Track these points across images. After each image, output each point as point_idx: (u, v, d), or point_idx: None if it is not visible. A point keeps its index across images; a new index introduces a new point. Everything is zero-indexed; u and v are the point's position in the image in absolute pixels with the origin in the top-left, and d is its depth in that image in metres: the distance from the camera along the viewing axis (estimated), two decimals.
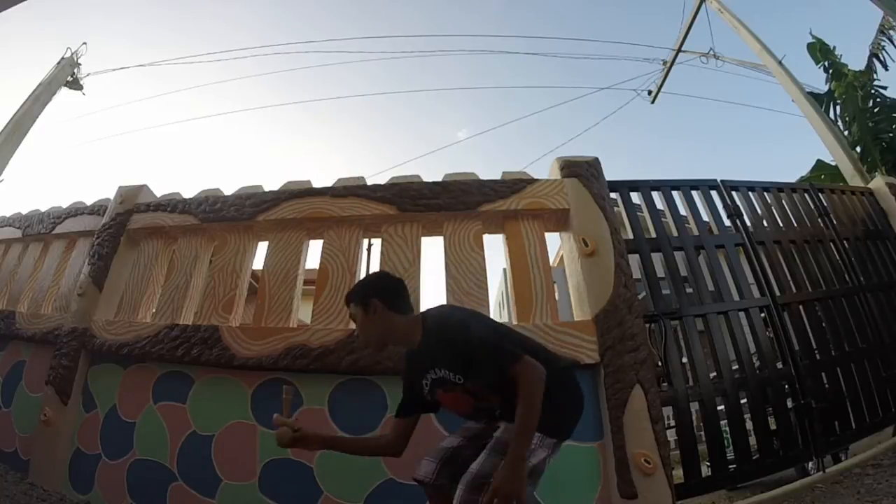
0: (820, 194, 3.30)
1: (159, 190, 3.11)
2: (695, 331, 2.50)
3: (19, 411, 2.60)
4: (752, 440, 2.45)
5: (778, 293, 2.73)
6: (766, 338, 2.59)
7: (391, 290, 1.50)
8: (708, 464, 2.29)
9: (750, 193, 3.08)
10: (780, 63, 5.48)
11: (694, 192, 2.96)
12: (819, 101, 5.41)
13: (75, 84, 7.43)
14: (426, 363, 1.41)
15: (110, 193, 3.11)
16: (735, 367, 2.54)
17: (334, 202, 2.62)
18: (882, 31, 5.46)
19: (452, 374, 1.34)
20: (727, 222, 2.93)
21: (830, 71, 5.65)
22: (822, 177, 5.43)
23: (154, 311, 2.71)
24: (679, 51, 7.94)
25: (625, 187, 2.81)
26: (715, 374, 2.54)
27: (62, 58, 7.25)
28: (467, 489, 1.21)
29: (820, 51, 5.69)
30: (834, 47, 5.73)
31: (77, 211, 3.19)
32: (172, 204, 2.89)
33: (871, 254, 3.18)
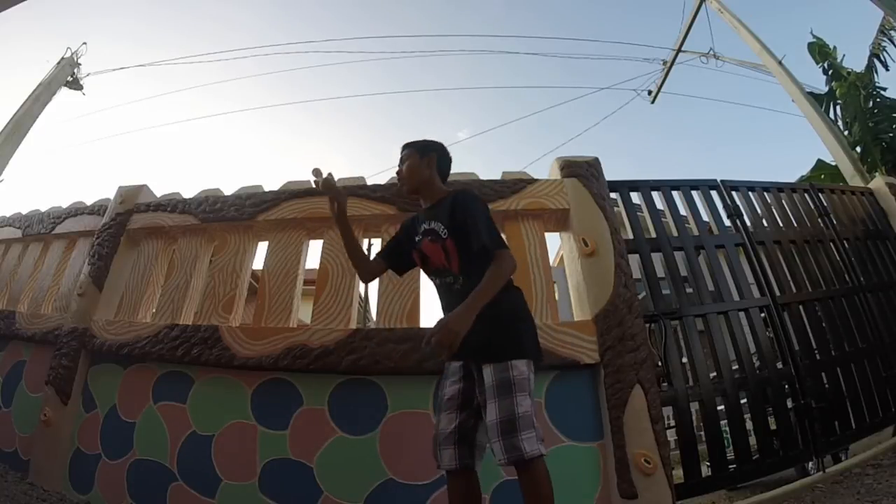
0: (820, 194, 3.30)
1: (159, 190, 3.11)
2: (695, 331, 2.50)
3: (19, 411, 2.60)
4: (752, 440, 2.45)
5: (778, 293, 2.73)
6: (766, 338, 2.59)
7: (446, 158, 1.73)
8: (708, 464, 2.29)
9: (750, 193, 3.08)
10: (780, 63, 5.48)
11: (694, 192, 2.96)
12: (819, 101, 5.41)
13: (75, 84, 7.44)
14: (429, 217, 1.60)
15: (110, 193, 3.11)
16: (735, 367, 2.54)
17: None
18: (882, 31, 5.46)
19: (442, 228, 1.52)
20: (727, 222, 2.93)
21: (830, 71, 5.65)
22: (822, 177, 5.43)
23: (154, 311, 2.71)
24: (679, 51, 7.95)
25: (625, 187, 2.81)
26: (715, 374, 2.54)
27: (62, 58, 7.26)
28: (505, 433, 1.27)
29: (819, 51, 5.69)
30: (834, 48, 5.73)
31: (77, 211, 3.19)
32: (172, 204, 2.89)
33: (871, 254, 3.18)
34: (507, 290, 1.46)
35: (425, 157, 1.66)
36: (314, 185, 1.78)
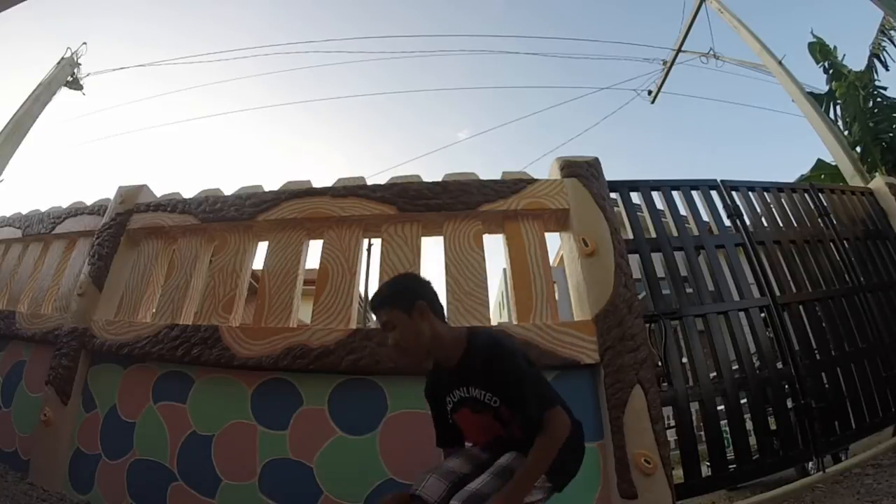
0: (820, 194, 3.30)
1: (159, 190, 3.12)
2: (695, 331, 2.50)
3: (19, 411, 2.60)
4: (752, 440, 2.45)
5: (778, 293, 2.73)
6: (766, 338, 2.59)
7: (433, 292, 1.38)
8: (708, 464, 2.29)
9: (750, 193, 3.08)
10: (780, 63, 5.48)
11: (694, 192, 2.96)
12: (819, 101, 5.41)
13: (75, 84, 7.44)
14: (457, 381, 1.33)
15: (110, 193, 3.11)
16: (735, 367, 2.54)
17: (334, 202, 2.62)
18: (882, 31, 5.46)
19: (488, 395, 1.27)
20: (727, 222, 2.93)
21: (830, 71, 5.65)
22: (823, 176, 5.43)
23: (154, 311, 2.71)
24: (679, 51, 7.95)
25: (625, 187, 2.81)
26: (715, 374, 2.54)
27: (62, 58, 7.26)
28: (462, 501, 1.14)
29: (820, 51, 5.69)
30: (835, 47, 5.73)
31: (77, 211, 3.19)
32: (172, 204, 2.89)
33: (871, 254, 3.18)
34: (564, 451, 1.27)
35: (415, 310, 1.30)
36: None
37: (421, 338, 1.29)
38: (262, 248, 2.72)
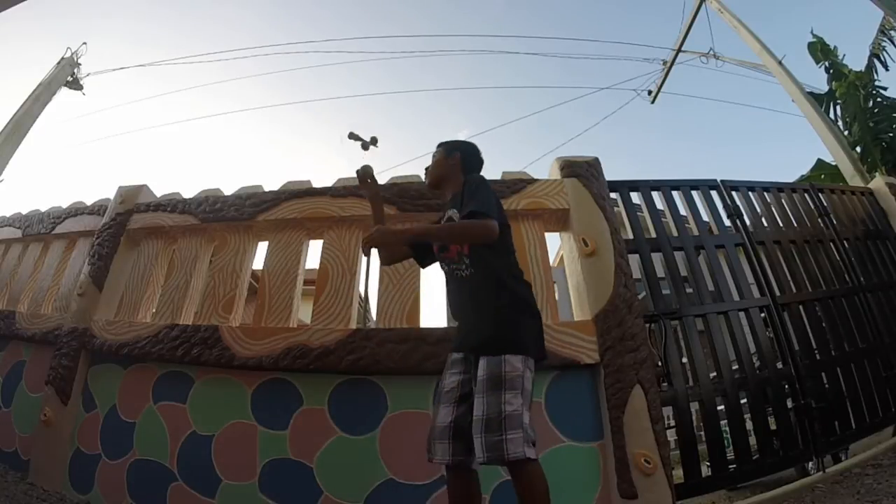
0: (820, 194, 3.30)
1: (159, 190, 3.12)
2: (695, 331, 2.49)
3: (19, 411, 2.60)
4: (752, 440, 2.45)
5: (778, 293, 2.73)
6: (766, 338, 2.59)
7: (475, 157, 1.80)
8: (708, 464, 2.29)
9: (750, 193, 3.08)
10: (780, 63, 5.48)
11: (694, 192, 2.96)
12: (819, 101, 5.41)
13: (75, 84, 7.43)
14: (449, 206, 1.67)
15: (110, 193, 3.11)
16: (735, 367, 2.54)
17: (334, 202, 2.62)
18: (882, 31, 5.46)
19: (456, 214, 1.57)
20: (727, 222, 2.93)
21: (831, 71, 5.65)
22: (823, 176, 5.43)
23: (154, 311, 2.71)
24: (679, 51, 7.94)
25: (625, 187, 2.81)
26: (715, 374, 2.54)
27: (62, 58, 7.24)
28: (487, 431, 1.22)
29: (821, 50, 5.69)
30: (835, 47, 5.73)
31: (77, 211, 3.19)
32: (172, 204, 2.89)
33: (871, 254, 3.18)
34: (513, 282, 1.48)
35: (450, 156, 1.75)
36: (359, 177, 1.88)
37: (439, 171, 1.76)
38: (262, 248, 2.73)
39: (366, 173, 1.87)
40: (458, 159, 1.75)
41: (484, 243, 1.47)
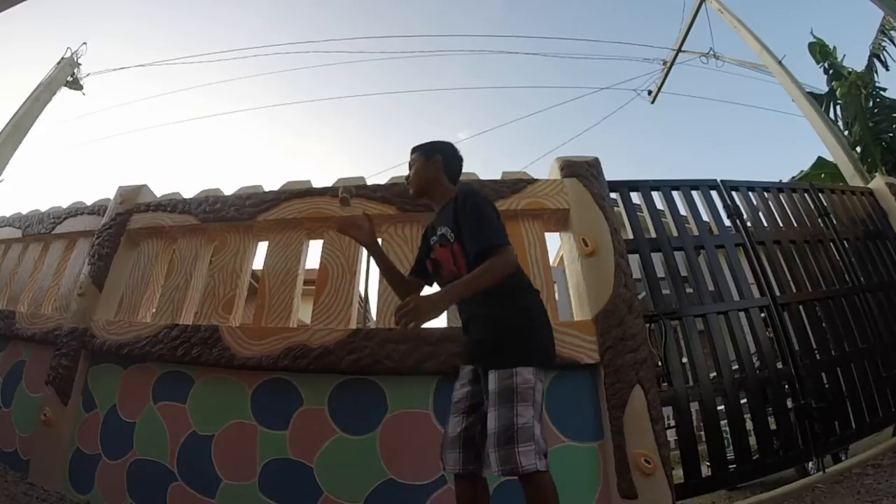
0: (820, 194, 3.30)
1: (159, 190, 3.12)
2: (695, 331, 2.50)
3: (19, 411, 2.60)
4: (752, 440, 2.45)
5: (778, 293, 2.73)
6: (766, 338, 2.59)
7: (455, 158, 1.69)
8: (708, 464, 2.29)
9: (750, 193, 3.08)
10: (780, 63, 5.48)
11: (694, 192, 2.96)
12: (819, 101, 5.41)
13: (75, 84, 7.43)
14: (440, 221, 1.56)
15: (110, 193, 3.11)
16: (735, 367, 2.54)
17: (334, 202, 2.61)
18: (882, 31, 5.46)
19: (450, 232, 1.47)
20: (727, 222, 2.93)
21: (830, 71, 5.65)
22: (823, 175, 5.44)
23: (154, 311, 2.71)
24: (679, 51, 7.95)
25: (625, 187, 2.81)
26: (715, 374, 2.54)
27: (62, 58, 7.25)
28: (501, 444, 1.22)
29: (820, 51, 5.69)
30: (834, 48, 5.73)
31: (77, 211, 3.19)
32: (172, 204, 2.89)
33: (871, 254, 3.18)
34: (519, 292, 1.42)
35: (431, 160, 1.64)
36: (341, 203, 1.74)
37: (424, 176, 1.63)
38: (262, 248, 2.73)
39: (344, 199, 1.71)
40: (440, 162, 1.64)
41: (509, 274, 1.36)
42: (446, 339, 2.08)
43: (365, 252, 2.20)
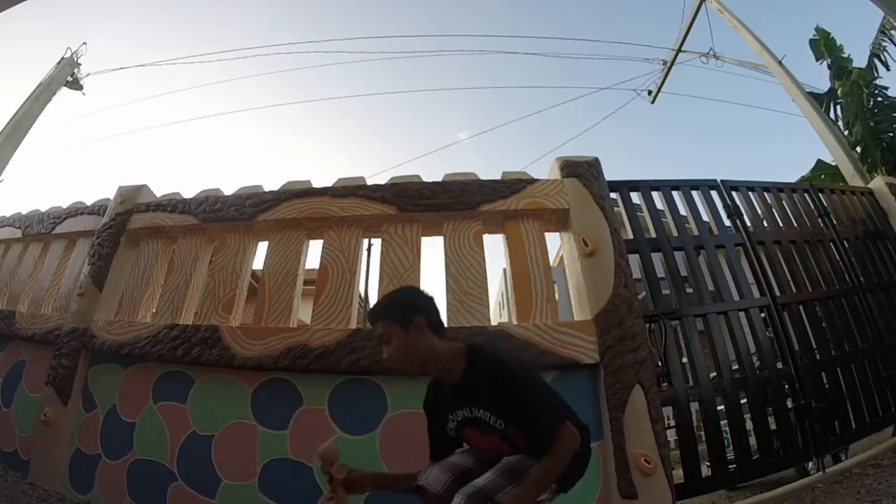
0: (820, 194, 3.30)
1: (159, 190, 3.12)
2: (695, 331, 2.50)
3: (19, 411, 2.60)
4: (752, 440, 2.45)
5: (778, 293, 2.73)
6: (766, 338, 2.59)
7: (433, 308, 1.35)
8: (708, 464, 2.29)
9: (750, 193, 3.08)
10: (780, 63, 5.48)
11: (694, 192, 2.96)
12: (819, 101, 5.41)
13: (75, 84, 7.43)
14: (462, 399, 1.30)
15: (110, 193, 3.11)
16: (735, 367, 2.54)
17: (334, 202, 2.62)
18: (883, 31, 5.46)
19: (494, 418, 1.25)
20: (727, 222, 2.93)
21: (834, 67, 5.64)
22: (823, 176, 5.44)
23: (154, 311, 2.71)
24: (679, 51, 7.95)
25: (625, 187, 2.81)
26: (715, 374, 2.54)
27: (62, 58, 7.25)
28: (469, 500, 1.11)
29: (825, 45, 5.68)
30: (840, 46, 5.73)
31: (77, 211, 3.19)
32: (172, 204, 2.89)
33: (871, 254, 3.18)
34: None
35: (412, 326, 1.27)
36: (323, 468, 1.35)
37: (415, 353, 1.28)
38: (262, 248, 2.73)
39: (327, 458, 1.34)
40: (424, 325, 1.28)
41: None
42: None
43: (365, 252, 2.19)
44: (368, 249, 11.72)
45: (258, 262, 2.74)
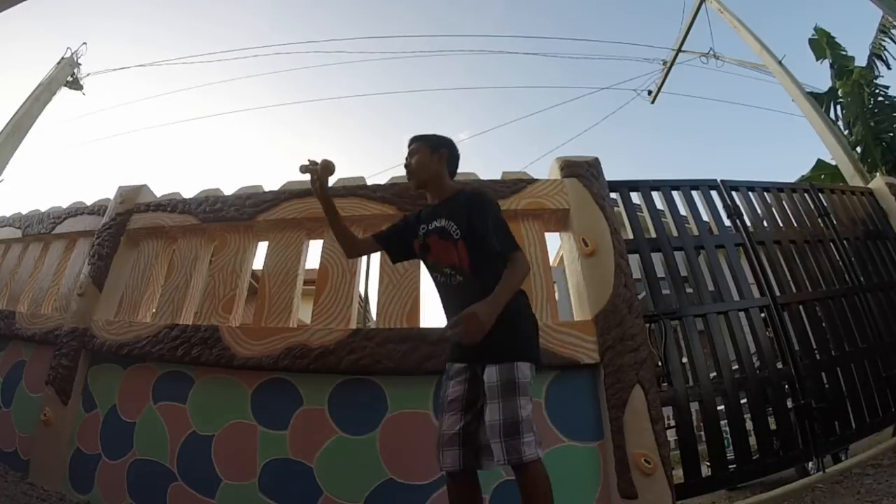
0: (820, 194, 3.30)
1: (159, 190, 3.11)
2: (695, 331, 2.49)
3: (19, 411, 2.60)
4: (752, 440, 2.45)
5: (778, 293, 2.73)
6: (766, 338, 2.59)
7: (456, 157, 1.74)
8: (708, 464, 2.29)
9: (750, 193, 3.08)
10: (780, 63, 5.48)
11: (694, 192, 2.96)
12: (819, 100, 5.41)
13: (75, 84, 7.44)
14: (437, 214, 1.60)
15: (110, 193, 3.11)
16: (735, 367, 2.54)
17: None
18: (882, 30, 5.46)
19: (455, 228, 1.51)
20: (727, 222, 2.93)
21: (835, 66, 5.64)
22: (823, 176, 5.44)
23: (154, 311, 2.71)
24: (679, 51, 7.95)
25: (625, 187, 2.81)
26: (715, 374, 2.54)
27: (62, 58, 7.25)
28: (507, 436, 1.27)
29: (828, 43, 5.67)
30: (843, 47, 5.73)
31: (77, 211, 3.19)
32: (172, 204, 2.89)
33: (871, 254, 3.18)
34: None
35: (436, 153, 1.67)
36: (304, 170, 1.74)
37: (428, 169, 1.65)
38: (262, 248, 2.72)
39: (326, 168, 1.72)
40: (445, 157, 1.68)
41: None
42: (446, 339, 2.08)
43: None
44: None
45: (258, 262, 2.74)
